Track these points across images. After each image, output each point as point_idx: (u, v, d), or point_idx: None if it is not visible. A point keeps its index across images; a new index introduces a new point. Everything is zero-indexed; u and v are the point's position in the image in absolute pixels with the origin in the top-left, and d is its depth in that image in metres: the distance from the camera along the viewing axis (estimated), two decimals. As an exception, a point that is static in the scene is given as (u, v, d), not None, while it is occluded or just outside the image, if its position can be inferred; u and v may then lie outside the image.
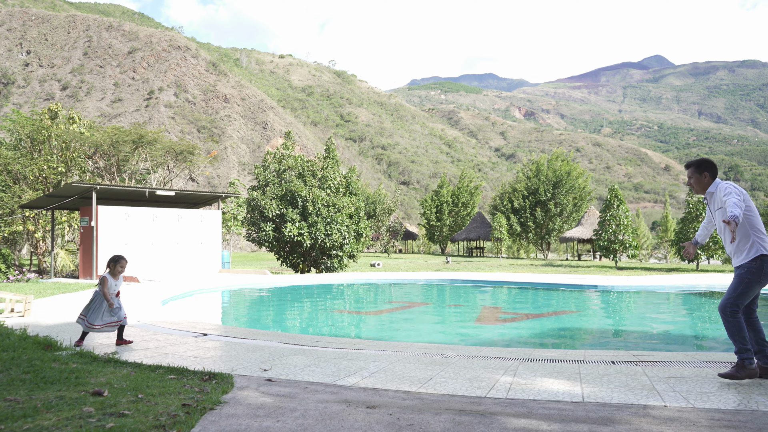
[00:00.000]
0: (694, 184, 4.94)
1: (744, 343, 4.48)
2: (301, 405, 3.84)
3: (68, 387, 4.05)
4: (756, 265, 4.49)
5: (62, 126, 28.62)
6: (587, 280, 17.94)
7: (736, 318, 4.50)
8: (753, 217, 4.58)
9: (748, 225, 4.57)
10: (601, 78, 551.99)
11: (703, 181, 4.87)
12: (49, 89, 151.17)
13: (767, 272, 4.49)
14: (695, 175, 4.90)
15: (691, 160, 4.99)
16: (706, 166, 4.87)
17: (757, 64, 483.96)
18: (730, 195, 4.53)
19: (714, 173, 4.85)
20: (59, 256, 23.47)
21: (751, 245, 4.55)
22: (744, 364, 4.48)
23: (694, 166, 4.93)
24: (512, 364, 5.46)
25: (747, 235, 4.58)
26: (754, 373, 4.48)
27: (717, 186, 4.76)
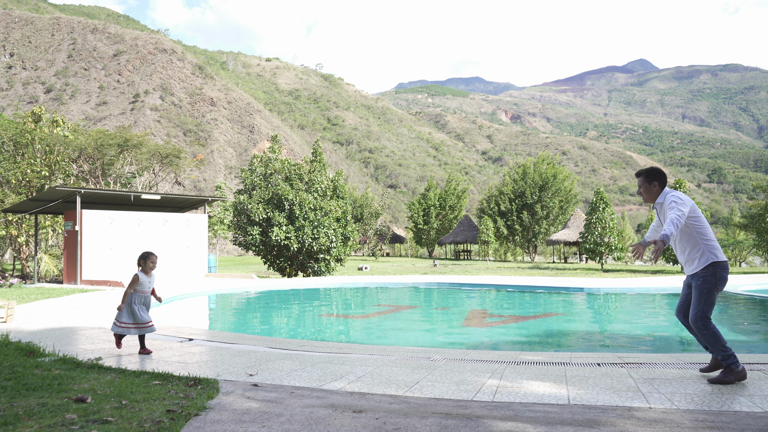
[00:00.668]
0: (643, 193, 5.00)
1: (725, 349, 4.54)
2: (287, 410, 3.82)
3: (51, 394, 4.00)
4: (709, 273, 4.59)
5: (46, 129, 28.31)
6: (573, 282, 18.04)
7: (709, 328, 4.57)
8: (701, 226, 4.67)
9: (697, 234, 4.67)
10: (587, 82, 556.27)
11: (652, 190, 4.93)
12: (33, 92, 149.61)
13: (722, 277, 4.60)
14: (645, 185, 4.96)
15: (642, 169, 5.05)
16: (655, 176, 4.93)
17: (739, 68, 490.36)
18: (672, 209, 4.57)
19: (663, 182, 4.91)
20: (43, 261, 23.20)
21: (701, 254, 4.65)
22: (732, 369, 4.54)
23: (643, 176, 4.98)
24: (499, 367, 5.47)
25: (696, 244, 4.69)
26: (743, 375, 4.55)
27: (665, 196, 4.82)
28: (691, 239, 4.70)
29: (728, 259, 47.43)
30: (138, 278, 6.25)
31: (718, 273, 4.59)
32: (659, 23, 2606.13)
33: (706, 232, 4.66)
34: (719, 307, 13.79)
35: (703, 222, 4.70)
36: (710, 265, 4.61)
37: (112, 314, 9.99)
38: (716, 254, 4.62)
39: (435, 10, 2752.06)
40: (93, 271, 18.85)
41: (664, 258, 29.90)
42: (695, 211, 4.67)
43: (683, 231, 4.72)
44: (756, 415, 3.65)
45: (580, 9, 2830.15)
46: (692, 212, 4.66)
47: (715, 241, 4.69)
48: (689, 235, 4.69)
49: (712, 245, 4.64)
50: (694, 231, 4.66)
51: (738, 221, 48.03)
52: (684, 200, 4.62)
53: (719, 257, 4.63)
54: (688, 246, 4.73)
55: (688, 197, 4.77)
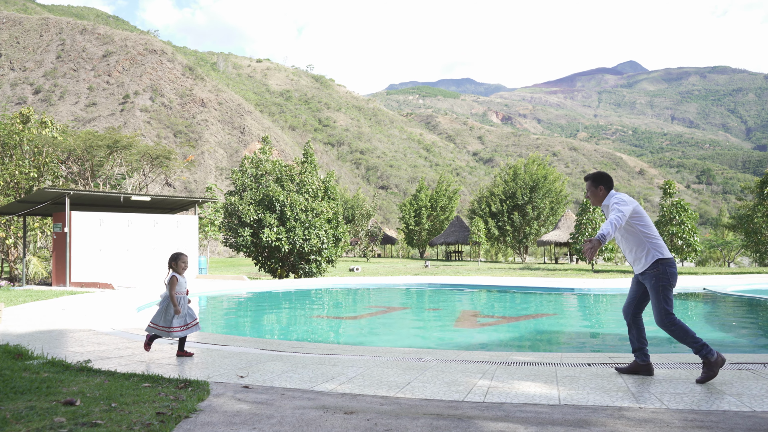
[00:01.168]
0: (591, 197, 5.15)
1: (696, 341, 4.64)
2: (278, 412, 3.81)
3: (39, 397, 3.96)
4: (659, 270, 4.72)
5: (34, 130, 28.12)
6: (564, 283, 18.11)
7: (676, 324, 4.69)
8: (645, 225, 4.81)
9: (641, 234, 4.82)
10: (577, 83, 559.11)
11: (598, 194, 5.08)
12: (21, 93, 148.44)
13: (672, 273, 4.73)
14: (591, 189, 5.12)
15: (589, 173, 5.19)
16: (601, 180, 5.08)
17: (727, 70, 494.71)
18: (613, 211, 4.70)
19: (609, 186, 5.05)
20: (31, 263, 23.02)
21: (647, 252, 4.79)
22: (709, 360, 4.61)
23: (590, 180, 5.13)
24: (490, 368, 5.48)
25: (642, 243, 4.82)
26: (721, 361, 4.61)
27: (610, 198, 4.95)
28: (636, 239, 4.83)
29: (718, 259, 47.89)
30: (177, 280, 6.07)
31: (667, 270, 4.71)
32: (648, 25, 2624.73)
33: (650, 232, 4.80)
34: (709, 307, 13.89)
35: (647, 221, 4.83)
36: (656, 262, 4.73)
37: (102, 316, 9.93)
38: (661, 251, 4.75)
39: (426, 11, 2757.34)
40: (82, 273, 18.72)
41: None
42: (639, 211, 4.82)
43: (629, 231, 4.85)
44: (744, 414, 3.68)
45: (571, 11, 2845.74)
46: (635, 212, 4.79)
47: (660, 239, 4.83)
48: (634, 234, 4.82)
49: (656, 243, 4.78)
50: (639, 231, 4.79)
51: (727, 222, 48.46)
52: (626, 201, 4.77)
53: (665, 254, 4.75)
54: (634, 246, 4.86)
55: (632, 199, 4.89)
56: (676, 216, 28.39)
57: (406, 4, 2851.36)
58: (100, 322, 9.13)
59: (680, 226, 28.22)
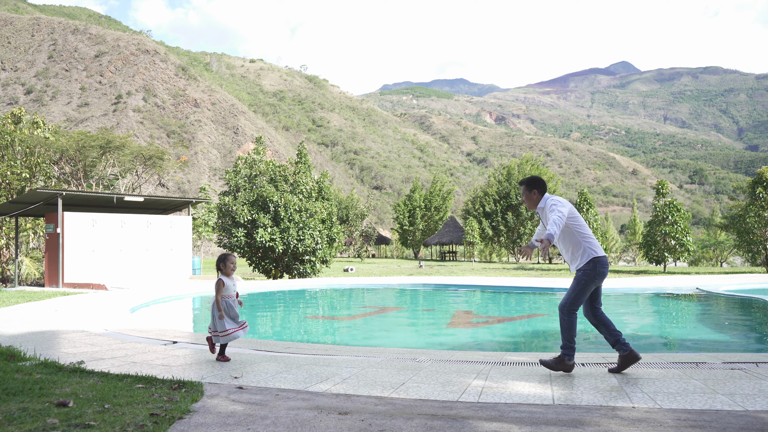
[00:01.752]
0: (526, 201, 5.33)
1: (571, 341, 4.98)
2: (272, 412, 3.80)
3: (32, 398, 3.94)
4: (590, 267, 4.95)
5: (26, 131, 27.95)
6: (558, 283, 18.16)
7: (571, 317, 4.98)
8: (580, 225, 5.05)
9: (577, 234, 5.03)
10: (570, 84, 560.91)
11: (532, 198, 5.25)
12: (13, 93, 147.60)
13: (600, 272, 4.96)
14: (526, 193, 5.30)
15: (524, 178, 5.42)
16: (534, 184, 5.24)
17: (719, 71, 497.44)
18: (553, 212, 4.89)
19: (542, 190, 5.23)
20: (24, 264, 22.89)
21: (583, 251, 5.00)
22: (564, 360, 4.98)
23: (525, 185, 5.31)
24: (484, 368, 5.49)
25: (578, 243, 5.04)
26: (569, 368, 5.00)
27: (545, 201, 5.13)
28: (572, 238, 5.03)
29: (710, 259, 48.13)
30: (224, 283, 5.88)
31: (597, 268, 4.93)
32: (641, 26, 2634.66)
33: (585, 231, 5.02)
34: (702, 307, 13.96)
35: (581, 222, 5.06)
36: (591, 261, 4.96)
37: (95, 317, 9.88)
38: (596, 250, 4.98)
39: (420, 11, 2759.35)
40: (75, 274, 18.63)
41: (647, 258, 30.22)
42: (574, 212, 5.04)
43: (565, 231, 5.04)
44: (737, 414, 3.70)
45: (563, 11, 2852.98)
46: (571, 213, 5.01)
47: (594, 238, 5.06)
48: (570, 234, 5.03)
49: (591, 243, 5.00)
50: (575, 231, 5.00)
51: (719, 222, 48.69)
52: (563, 203, 4.97)
53: (599, 253, 4.98)
54: (571, 245, 5.07)
55: (567, 201, 5.07)
56: (668, 216, 28.52)
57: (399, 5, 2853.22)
58: (93, 323, 9.08)
59: (673, 226, 28.35)
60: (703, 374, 5.00)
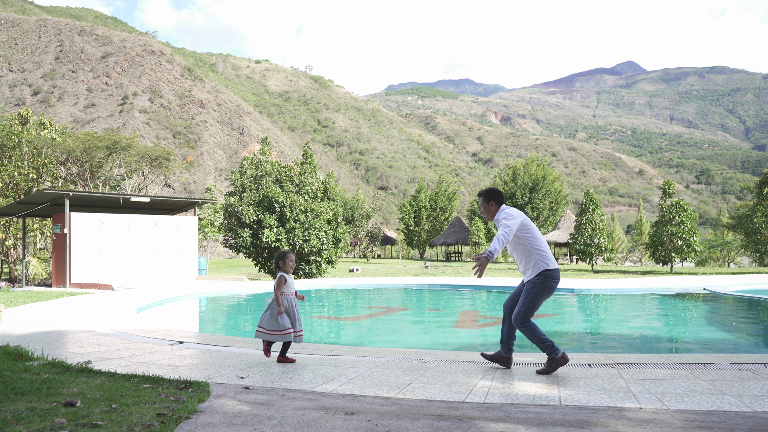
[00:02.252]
0: (484, 212, 5.41)
1: (543, 340, 5.05)
2: (278, 412, 3.81)
3: (39, 398, 3.96)
4: (540, 280, 5.04)
5: (33, 132, 28.10)
6: (564, 283, 18.11)
7: (527, 326, 5.07)
8: (533, 238, 5.11)
9: (530, 246, 5.11)
10: (576, 83, 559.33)
11: (490, 209, 5.34)
12: (20, 94, 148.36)
13: (549, 286, 5.06)
14: (484, 204, 5.39)
15: (482, 189, 5.45)
16: (492, 196, 5.33)
17: (725, 70, 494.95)
18: (501, 226, 5.00)
19: (499, 201, 5.33)
20: (31, 264, 23.01)
21: (534, 263, 5.09)
22: (553, 357, 5.04)
23: (483, 196, 5.41)
24: (490, 369, 5.48)
25: (529, 255, 5.12)
26: (564, 360, 5.03)
27: (500, 213, 5.22)
28: (525, 251, 5.12)
29: (717, 259, 47.94)
30: (285, 279, 5.81)
31: (546, 281, 5.04)
32: (647, 25, 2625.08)
33: (538, 244, 5.10)
34: (709, 307, 13.89)
35: (535, 234, 5.13)
36: (541, 273, 5.06)
37: (102, 317, 9.92)
38: (547, 263, 5.06)
39: (425, 12, 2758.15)
40: (82, 274, 18.71)
41: (654, 258, 30.10)
42: (527, 224, 5.12)
43: (518, 243, 5.14)
44: (745, 415, 3.68)
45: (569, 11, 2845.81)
46: (523, 226, 5.10)
47: (548, 251, 5.13)
48: (523, 246, 5.12)
49: (544, 255, 5.08)
50: (527, 243, 5.09)
51: (726, 222, 48.49)
52: (514, 216, 5.06)
53: (550, 265, 5.07)
54: (524, 256, 5.16)
55: (521, 213, 5.14)
56: (675, 216, 28.40)
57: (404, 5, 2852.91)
58: (100, 323, 9.12)
59: (680, 226, 28.23)
60: (710, 375, 4.98)
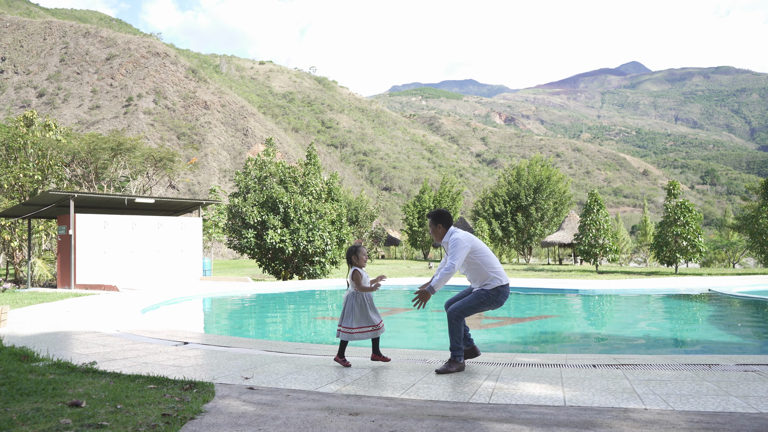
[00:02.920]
0: (432, 233, 5.56)
1: (459, 342, 5.24)
2: (283, 413, 3.81)
3: (45, 398, 3.98)
4: (493, 293, 5.26)
5: (38, 133, 28.21)
6: (569, 284, 18.07)
7: (459, 323, 5.25)
8: (486, 257, 5.27)
9: (483, 265, 5.26)
10: (580, 84, 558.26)
11: (438, 231, 5.48)
12: (25, 96, 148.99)
13: (499, 301, 5.30)
14: (432, 226, 5.50)
15: (430, 211, 5.56)
16: (439, 219, 5.45)
17: (731, 70, 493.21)
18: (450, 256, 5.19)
19: (447, 224, 5.46)
20: (36, 266, 23.08)
21: (491, 280, 5.27)
22: (456, 360, 5.24)
23: (431, 218, 5.53)
24: (494, 369, 5.48)
25: (485, 273, 5.28)
26: (462, 367, 5.26)
27: (449, 237, 5.36)
28: (478, 270, 5.28)
29: (722, 260, 47.85)
30: (361, 274, 5.71)
31: (499, 297, 5.27)
32: (651, 26, 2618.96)
33: (490, 262, 5.26)
34: (714, 308, 13.85)
35: (486, 253, 5.27)
36: (495, 288, 5.28)
37: (107, 318, 9.95)
38: (501, 279, 5.27)
39: (428, 12, 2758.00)
40: (87, 275, 18.77)
41: (658, 259, 30.00)
42: (477, 248, 5.24)
43: (471, 264, 5.28)
44: (751, 416, 3.67)
45: (573, 11, 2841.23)
46: (474, 249, 5.23)
47: (500, 267, 5.32)
48: (477, 266, 5.27)
49: (498, 272, 5.27)
50: (481, 263, 5.24)
51: (731, 223, 48.30)
52: (462, 244, 5.16)
53: (503, 281, 5.28)
54: (478, 276, 5.33)
55: (469, 236, 5.26)
56: (680, 217, 28.31)
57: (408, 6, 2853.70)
58: (105, 324, 9.15)
59: (684, 227, 28.14)
60: (716, 376, 4.96)
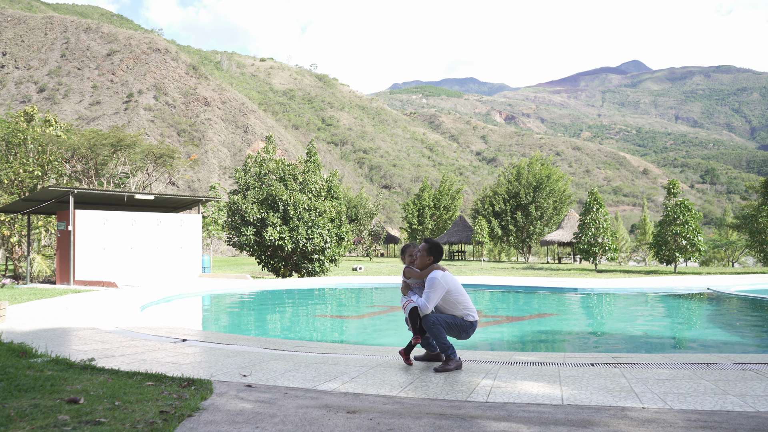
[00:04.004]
0: (418, 258, 5.73)
1: (446, 341, 5.39)
2: (280, 411, 3.81)
3: (43, 395, 3.98)
4: (467, 324, 5.52)
5: (38, 129, 28.17)
6: (567, 283, 18.08)
7: (438, 326, 5.40)
8: (461, 296, 5.53)
9: (458, 303, 5.51)
10: (581, 83, 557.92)
11: (425, 261, 5.68)
12: (26, 91, 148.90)
13: (469, 333, 5.55)
14: (423, 254, 5.70)
15: (429, 239, 5.77)
16: (435, 252, 5.69)
17: (731, 69, 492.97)
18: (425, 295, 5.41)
19: (437, 259, 5.69)
20: (35, 261, 23.08)
21: (465, 316, 5.53)
22: (452, 358, 5.37)
23: (428, 247, 5.70)
24: (493, 368, 5.48)
25: (458, 311, 5.51)
26: (460, 365, 5.41)
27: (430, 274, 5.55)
28: (455, 308, 5.52)
29: (722, 259, 47.84)
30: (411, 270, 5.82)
31: (470, 330, 5.55)
32: (652, 24, 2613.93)
33: (464, 301, 5.53)
34: (713, 307, 13.86)
35: (461, 293, 5.55)
36: (469, 323, 5.54)
37: (106, 315, 9.95)
38: (473, 316, 5.55)
39: (429, 10, 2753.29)
40: (86, 272, 18.77)
41: (658, 258, 30.03)
42: (453, 290, 5.50)
43: (447, 302, 5.52)
44: (748, 415, 3.67)
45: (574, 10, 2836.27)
46: (451, 293, 5.49)
47: (472, 306, 5.59)
48: (452, 304, 5.51)
49: (469, 309, 5.54)
50: (455, 301, 5.50)
51: (731, 222, 48.32)
52: (440, 285, 5.40)
53: (474, 318, 5.56)
54: (450, 310, 5.53)
55: (447, 277, 5.48)
56: (679, 216, 28.32)
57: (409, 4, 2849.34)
58: (104, 321, 9.15)
59: (684, 225, 28.15)
60: (713, 375, 4.96)
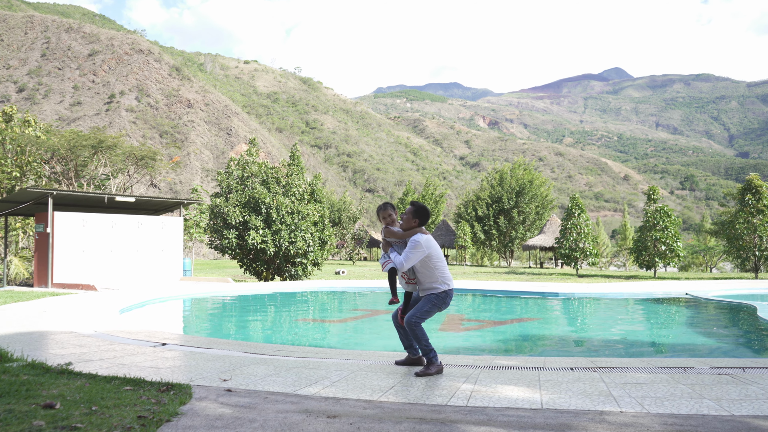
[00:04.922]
0: (404, 220, 5.74)
1: (428, 344, 5.41)
2: (260, 415, 3.79)
3: (18, 400, 3.92)
4: (442, 296, 5.54)
5: (17, 129, 27.78)
6: (549, 287, 18.21)
7: (419, 328, 5.44)
8: (439, 262, 5.56)
9: (435, 270, 5.54)
10: (563, 89, 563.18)
11: (411, 224, 5.68)
12: (5, 91, 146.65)
13: (447, 302, 5.58)
14: (409, 215, 5.70)
15: (418, 203, 5.75)
16: (421, 215, 5.67)
17: (710, 78, 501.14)
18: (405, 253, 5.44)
19: (422, 224, 5.68)
20: (13, 264, 22.72)
21: (440, 283, 5.56)
22: (433, 362, 5.39)
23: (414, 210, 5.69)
24: (473, 372, 5.50)
25: (434, 278, 5.55)
26: (441, 369, 5.41)
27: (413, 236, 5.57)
28: (430, 272, 5.54)
29: (700, 264, 48.41)
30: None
31: (446, 298, 5.55)
32: (634, 32, 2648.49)
33: (442, 269, 5.57)
34: (691, 312, 14.04)
35: (439, 258, 5.57)
36: (444, 292, 5.55)
37: (84, 318, 9.82)
38: (448, 284, 5.57)
39: (414, 15, 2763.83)
40: (65, 274, 18.52)
41: (638, 263, 30.37)
42: (434, 255, 5.52)
43: (425, 266, 5.55)
44: (723, 419, 3.72)
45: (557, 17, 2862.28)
46: (431, 258, 5.50)
47: (449, 274, 5.65)
48: (429, 269, 5.53)
49: (446, 278, 5.58)
50: (434, 268, 5.52)
51: (709, 228, 49.04)
52: (421, 248, 5.41)
53: (450, 285, 5.59)
54: (428, 278, 5.57)
55: (430, 241, 5.50)
56: (659, 222, 28.67)
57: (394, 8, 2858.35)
58: (82, 324, 9.03)
59: (663, 231, 28.50)
60: (690, 379, 5.03)
